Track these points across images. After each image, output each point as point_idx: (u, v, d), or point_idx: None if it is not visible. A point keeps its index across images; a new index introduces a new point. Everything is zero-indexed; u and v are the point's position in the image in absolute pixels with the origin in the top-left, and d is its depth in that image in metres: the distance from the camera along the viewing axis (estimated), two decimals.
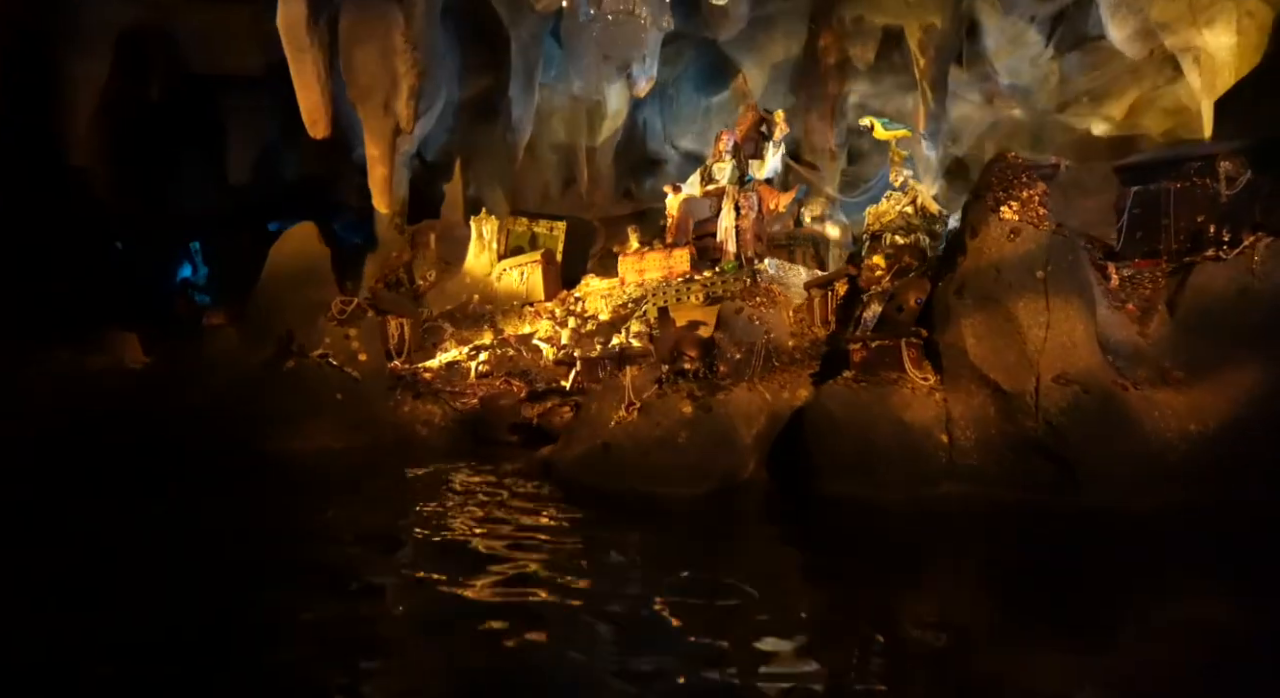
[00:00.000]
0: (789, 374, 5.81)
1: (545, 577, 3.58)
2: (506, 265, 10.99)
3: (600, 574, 3.76)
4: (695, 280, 8.51)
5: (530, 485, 5.67)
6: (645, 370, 5.88)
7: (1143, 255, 5.42)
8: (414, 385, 7.81)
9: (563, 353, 8.43)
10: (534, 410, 6.91)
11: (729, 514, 4.80)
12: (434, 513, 4.85)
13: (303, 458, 6.93)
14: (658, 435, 5.23)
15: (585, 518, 4.73)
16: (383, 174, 11.07)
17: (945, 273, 5.03)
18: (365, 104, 10.89)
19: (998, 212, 4.72)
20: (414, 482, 6.04)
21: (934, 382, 4.81)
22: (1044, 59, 15.82)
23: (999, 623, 3.21)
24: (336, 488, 6.09)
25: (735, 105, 17.15)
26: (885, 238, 10.48)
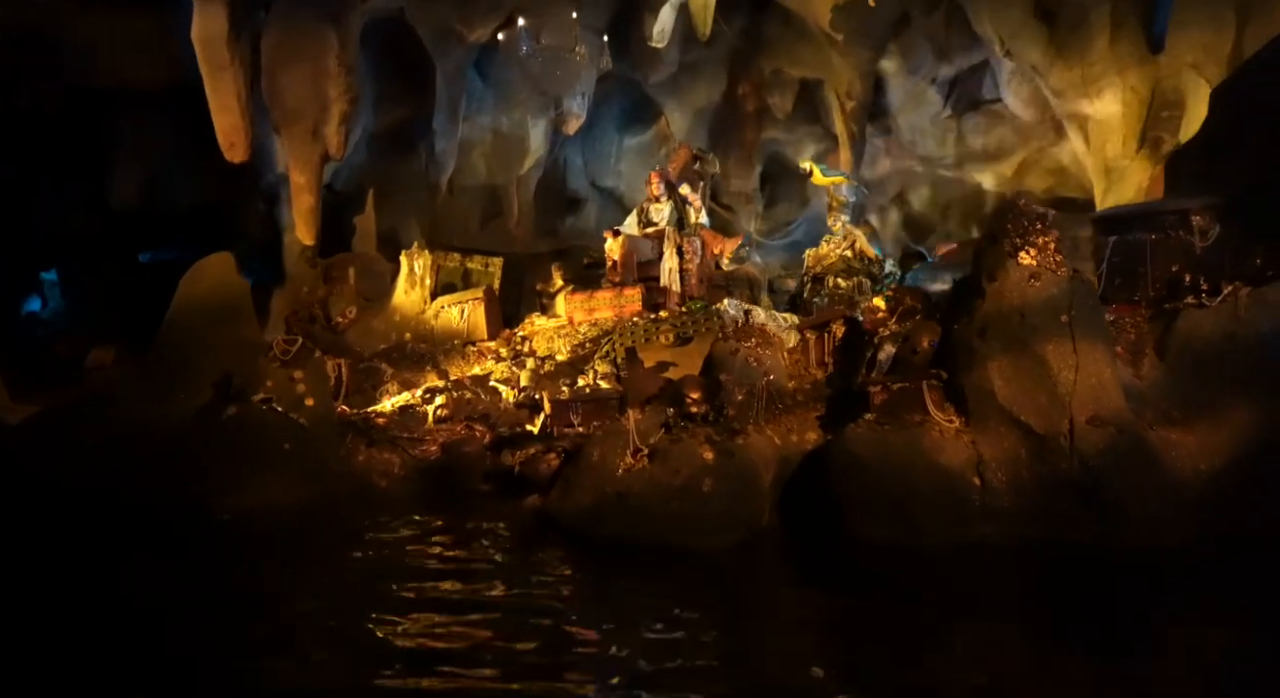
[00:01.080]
0: (794, 417, 5.70)
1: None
2: (444, 302, 10.42)
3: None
4: (665, 320, 8.34)
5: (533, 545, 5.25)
6: (649, 414, 5.60)
7: (1122, 301, 5.71)
8: (367, 432, 7.13)
9: (524, 395, 7.99)
10: (515, 457, 6.44)
11: (774, 566, 4.59)
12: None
13: (250, 517, 6.12)
14: (680, 483, 4.95)
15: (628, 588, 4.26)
16: (309, 204, 10.30)
17: (960, 316, 5.09)
18: (291, 128, 10.14)
19: (1016, 257, 4.84)
20: (388, 543, 5.43)
21: (959, 423, 4.83)
22: (942, 118, 16.98)
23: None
24: (300, 556, 5.38)
25: (657, 147, 17.37)
26: (828, 280, 10.79)
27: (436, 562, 4.89)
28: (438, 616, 3.83)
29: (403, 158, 15.55)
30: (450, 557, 5.02)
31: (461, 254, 11.77)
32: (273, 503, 6.31)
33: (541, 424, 7.38)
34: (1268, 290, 4.95)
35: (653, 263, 11.00)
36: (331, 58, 9.88)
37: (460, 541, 5.63)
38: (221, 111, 9.46)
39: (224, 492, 6.20)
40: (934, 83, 16.37)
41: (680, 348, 7.95)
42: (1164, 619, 3.82)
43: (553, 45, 11.55)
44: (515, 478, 6.37)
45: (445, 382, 8.25)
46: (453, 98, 14.29)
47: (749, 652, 3.46)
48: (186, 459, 6.35)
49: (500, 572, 4.61)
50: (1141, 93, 11.94)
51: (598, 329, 9.25)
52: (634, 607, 3.98)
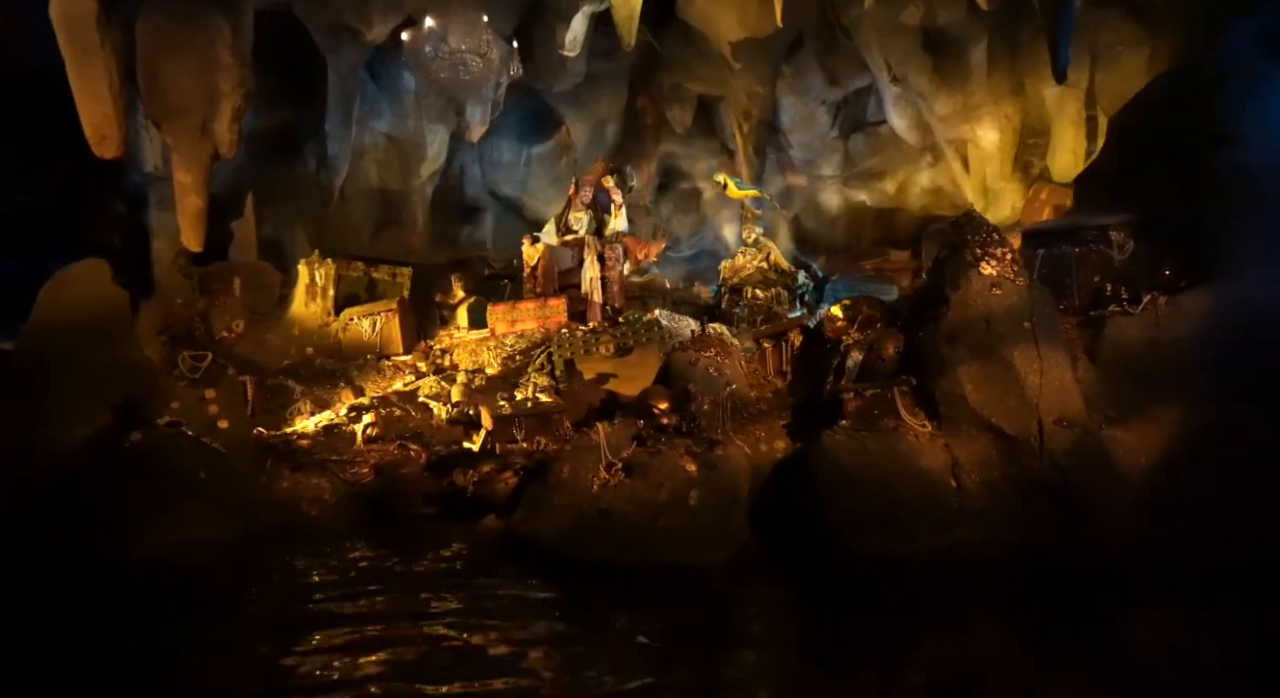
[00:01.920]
0: (760, 427, 5.70)
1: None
2: (353, 314, 9.74)
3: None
4: (604, 331, 8.17)
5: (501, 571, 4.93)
6: (619, 427, 5.43)
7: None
8: (290, 456, 6.50)
9: (457, 411, 7.58)
10: (468, 477, 6.06)
11: (772, 583, 4.52)
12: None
13: (163, 558, 5.41)
14: (666, 498, 4.81)
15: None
16: (197, 206, 9.34)
17: (924, 323, 5.28)
18: (175, 123, 9.18)
19: (977, 267, 5.08)
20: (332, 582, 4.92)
21: (931, 428, 4.98)
22: (830, 137, 17.83)
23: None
24: (222, 602, 4.73)
25: (558, 157, 17.17)
26: (746, 291, 11.00)
27: (393, 603, 4.40)
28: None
29: (286, 161, 14.51)
30: (413, 597, 4.56)
31: (366, 263, 11.09)
32: (189, 541, 5.62)
33: (483, 442, 7.03)
34: (1183, 299, 5.46)
35: (573, 271, 10.84)
36: (223, 48, 9.05)
37: (418, 573, 5.23)
38: (90, 101, 8.41)
39: (130, 531, 5.45)
40: (823, 104, 17.17)
41: (620, 359, 7.81)
42: (1134, 619, 4.06)
43: (460, 49, 11.16)
44: (468, 499, 6.00)
45: (370, 399, 7.68)
46: (346, 99, 13.50)
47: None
48: (80, 496, 5.54)
49: (479, 608, 4.23)
50: (1014, 121, 13.02)
51: (526, 341, 8.95)
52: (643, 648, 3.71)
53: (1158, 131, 6.40)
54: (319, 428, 7.14)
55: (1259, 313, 5.43)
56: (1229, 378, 5.30)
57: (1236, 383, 5.28)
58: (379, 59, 14.10)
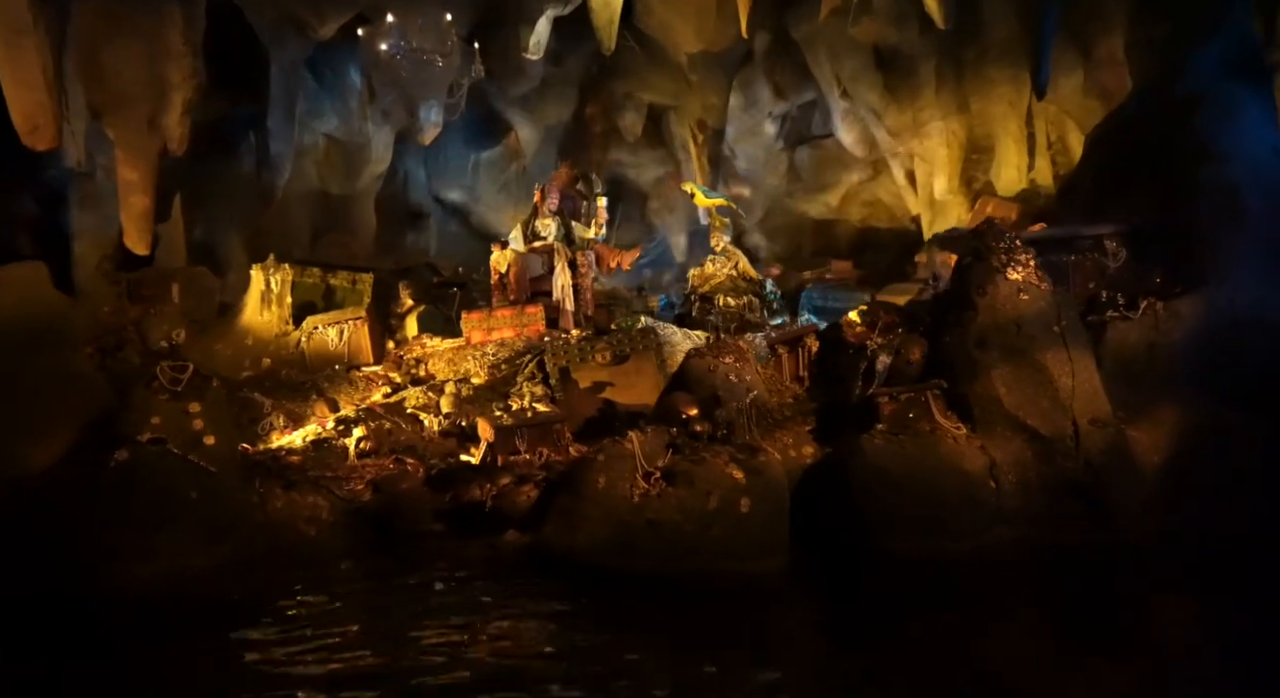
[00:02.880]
0: (787, 433, 5.67)
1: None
2: (318, 323, 9.18)
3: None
4: (601, 339, 7.98)
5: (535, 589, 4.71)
6: (651, 436, 5.29)
7: None
8: (281, 473, 6.03)
9: (449, 423, 7.24)
10: (486, 490, 5.77)
11: (830, 591, 4.47)
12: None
13: (154, 587, 4.91)
14: (716, 506, 4.71)
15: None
16: (143, 206, 8.62)
17: (950, 328, 5.39)
18: (119, 115, 8.46)
19: (1004, 272, 5.23)
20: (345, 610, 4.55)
21: (965, 430, 5.07)
22: (775, 149, 18.20)
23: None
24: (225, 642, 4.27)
25: (507, 162, 16.84)
26: (718, 299, 11.02)
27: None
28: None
29: (219, 159, 13.61)
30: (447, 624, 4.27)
31: (323, 270, 10.50)
32: (181, 567, 5.11)
33: (484, 454, 6.74)
34: (1178, 304, 5.78)
35: (543, 278, 10.60)
36: (174, 34, 8.41)
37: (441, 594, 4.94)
38: (21, 87, 7.63)
39: (116, 558, 4.92)
40: (769, 117, 17.51)
41: (616, 367, 7.66)
42: (1169, 607, 4.24)
43: (423, 48, 10.76)
44: (484, 514, 5.72)
45: (355, 412, 7.25)
46: (290, 95, 12.82)
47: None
48: (52, 523, 4.96)
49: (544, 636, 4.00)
50: (960, 137, 13.60)
51: (509, 349, 8.66)
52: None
53: (1137, 147, 6.78)
54: (306, 443, 6.67)
55: (1241, 317, 5.81)
56: (1218, 379, 5.65)
57: (1224, 384, 5.62)
58: (321, 55, 13.47)
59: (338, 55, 13.81)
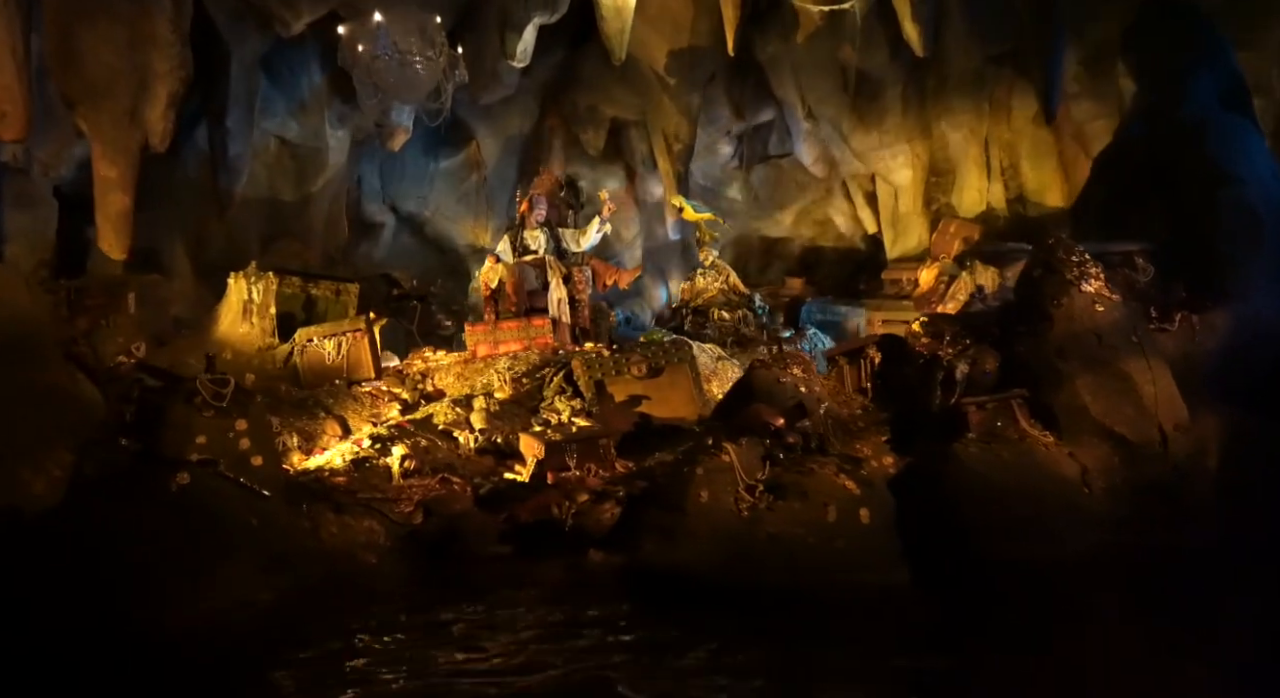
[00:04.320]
0: (865, 443, 5.68)
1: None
2: (312, 335, 8.54)
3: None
4: (636, 351, 7.78)
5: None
6: (746, 448, 5.18)
7: None
8: (329, 496, 5.53)
9: (484, 439, 6.89)
10: (565, 509, 5.48)
11: (979, 595, 4.45)
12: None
13: (216, 628, 4.38)
14: (837, 518, 4.62)
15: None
16: (122, 205, 7.85)
17: (1024, 339, 5.55)
18: (96, 105, 7.67)
19: (1078, 285, 5.44)
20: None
21: (1052, 438, 5.22)
22: (731, 167, 18.50)
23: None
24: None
25: (468, 172, 16.41)
26: (713, 313, 11.03)
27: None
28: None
29: (160, 159, 12.59)
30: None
31: (304, 279, 9.84)
32: (243, 601, 4.59)
33: (533, 471, 6.44)
34: (1211, 316, 6.18)
35: (537, 293, 10.30)
36: (162, 21, 7.73)
37: (544, 619, 4.64)
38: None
39: (177, 593, 4.36)
40: (727, 135, 17.79)
41: (651, 380, 7.50)
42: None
43: (410, 50, 10.31)
44: (566, 533, 5.43)
45: (387, 429, 6.77)
46: (250, 94, 12.10)
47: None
48: (102, 552, 4.35)
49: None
50: (924, 160, 14.24)
51: (524, 362, 8.34)
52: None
53: (1147, 169, 7.25)
54: (347, 463, 6.17)
55: (1263, 330, 6.26)
56: (1243, 388, 6.05)
57: (1248, 393, 6.03)
58: (277, 51, 12.75)
59: (296, 52, 13.11)
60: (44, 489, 5.25)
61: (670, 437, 7.25)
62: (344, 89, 13.79)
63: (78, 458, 5.48)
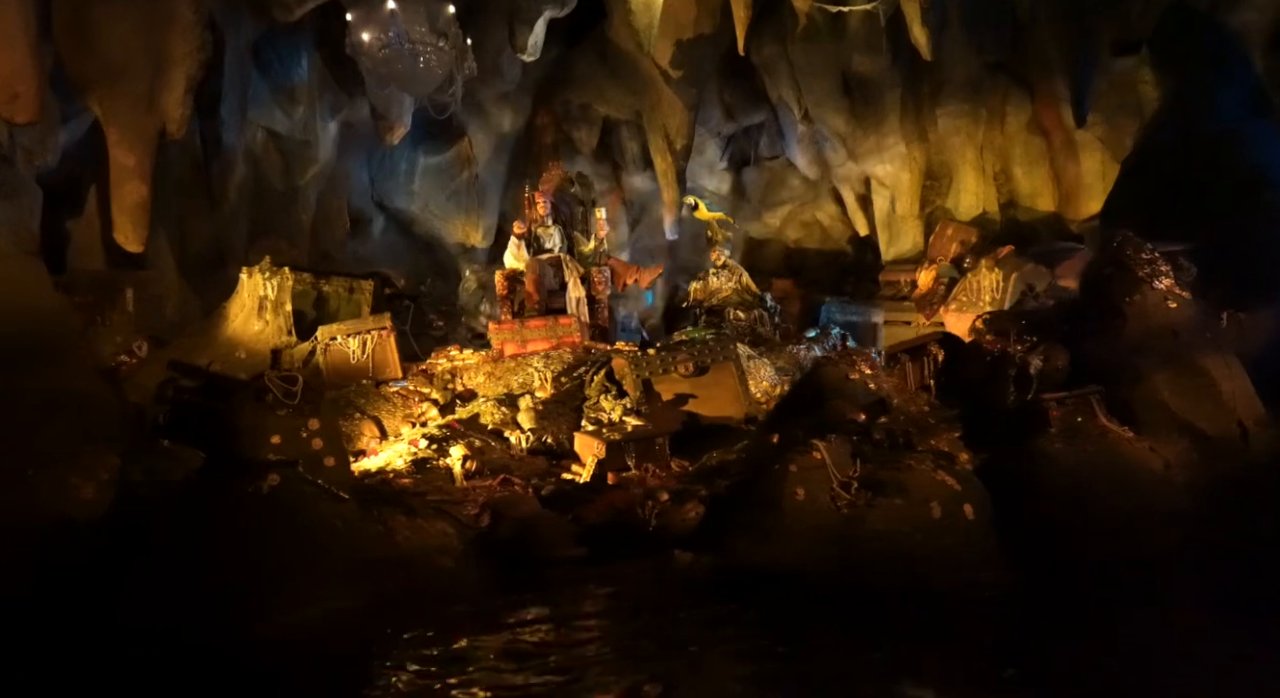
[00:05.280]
0: (939, 440, 5.66)
1: None
2: (335, 333, 8.19)
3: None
4: (683, 349, 7.64)
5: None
6: (836, 445, 5.11)
7: None
8: (399, 499, 5.27)
9: (535, 440, 6.69)
10: (649, 509, 5.33)
11: (1082, 592, 4.44)
12: None
13: (306, 639, 4.12)
14: (940, 515, 4.58)
15: None
16: (140, 195, 7.38)
17: (1095, 335, 5.62)
18: (112, 89, 7.21)
19: (1150, 283, 5.52)
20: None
21: (1132, 433, 5.28)
22: (718, 169, 18.53)
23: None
24: None
25: (458, 169, 16.05)
26: (728, 313, 10.96)
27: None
28: None
29: None
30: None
31: (315, 275, 9.45)
32: (329, 609, 4.33)
33: (592, 470, 6.28)
34: (1258, 315, 6.35)
35: (555, 293, 10.13)
36: (183, 2, 7.29)
37: (648, 622, 4.50)
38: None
39: (268, 601, 4.08)
40: (717, 136, 17.82)
41: (696, 378, 7.39)
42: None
43: (423, 40, 9.99)
44: (650, 534, 5.28)
45: (438, 429, 6.51)
46: (242, 81, 11.63)
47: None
48: (189, 558, 4.06)
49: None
50: (920, 163, 14.46)
51: (558, 361, 8.14)
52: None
53: (1178, 175, 7.45)
54: (408, 464, 5.90)
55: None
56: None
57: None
58: (266, 39, 12.28)
59: (287, 40, 12.66)
60: (94, 495, 4.92)
61: (720, 436, 7.18)
62: (336, 80, 13.41)
63: (124, 462, 5.14)
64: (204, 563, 4.04)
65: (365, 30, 9.82)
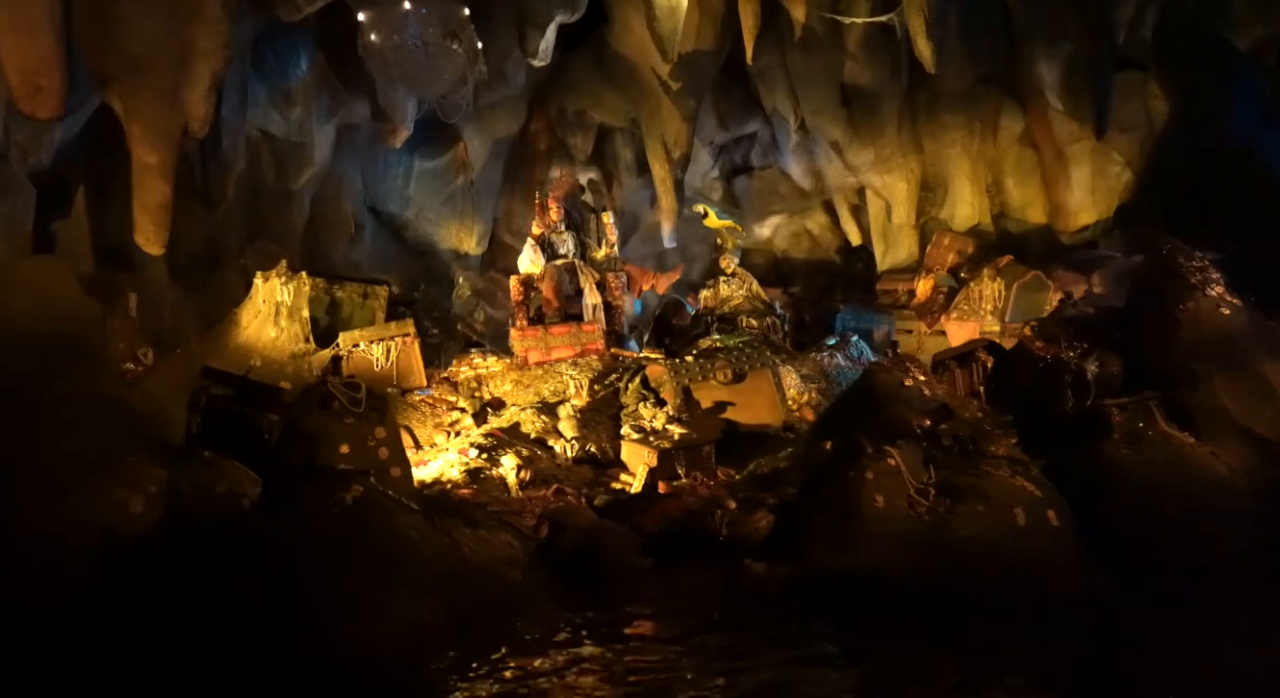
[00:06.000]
0: (997, 445, 5.66)
1: None
2: (358, 339, 7.92)
3: None
4: (721, 356, 7.56)
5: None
6: (907, 451, 5.08)
7: None
8: (460, 510, 5.08)
9: (579, 448, 6.55)
10: (720, 518, 5.23)
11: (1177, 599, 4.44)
12: None
13: (402, 653, 3.95)
14: (1026, 521, 4.57)
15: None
16: (164, 195, 7.06)
17: (1148, 341, 5.70)
18: (135, 83, 6.89)
19: (1203, 290, 5.62)
20: None
21: (1192, 439, 5.35)
22: (710, 178, 18.56)
23: None
24: None
25: (454, 174, 15.79)
26: (741, 320, 10.92)
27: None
28: None
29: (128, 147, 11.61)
30: None
31: (327, 280, 9.16)
32: (410, 624, 4.15)
33: (644, 479, 6.16)
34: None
35: (571, 299, 9.99)
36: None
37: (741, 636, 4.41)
38: (21, 35, 6.01)
39: (352, 616, 3.88)
40: (710, 145, 17.86)
41: (734, 386, 7.32)
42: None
43: (436, 41, 9.80)
44: (721, 543, 5.19)
45: (485, 438, 6.33)
46: (242, 81, 11.26)
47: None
48: (273, 572, 3.84)
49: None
50: (917, 173, 14.66)
51: (588, 368, 8.01)
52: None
53: (1198, 185, 7.64)
54: (464, 474, 5.72)
55: None
56: None
57: None
58: (264, 37, 11.94)
59: (285, 39, 12.33)
60: (142, 508, 4.65)
61: (759, 443, 7.12)
62: (333, 81, 13.11)
63: (170, 473, 4.88)
64: (286, 579, 3.83)
65: (379, 31, 9.61)
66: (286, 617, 3.71)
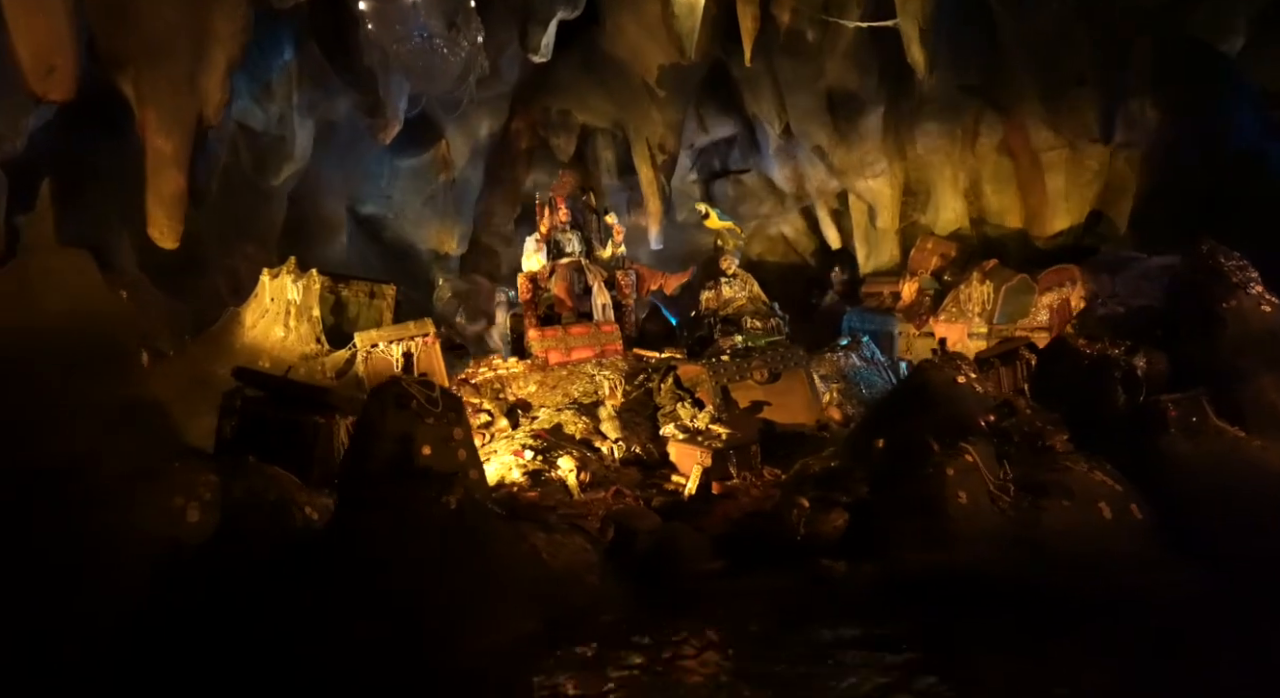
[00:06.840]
0: (1051, 441, 5.72)
1: None
2: (376, 339, 7.57)
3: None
4: (758, 356, 7.47)
5: None
6: (981, 447, 5.09)
7: None
8: (531, 513, 4.86)
9: (625, 449, 6.38)
10: (796, 518, 5.12)
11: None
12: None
13: (511, 663, 3.74)
14: (1112, 517, 4.62)
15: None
16: (179, 185, 6.63)
17: (1193, 339, 5.85)
18: (152, 67, 6.45)
19: (1245, 288, 5.80)
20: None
21: (1243, 434, 5.49)
22: (689, 181, 18.56)
23: None
24: None
25: (435, 173, 15.40)
26: (745, 322, 10.89)
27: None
28: None
29: (104, 138, 10.93)
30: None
31: (333, 279, 8.76)
32: (514, 635, 3.94)
33: (698, 480, 6.04)
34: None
35: (580, 299, 9.81)
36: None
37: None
38: (34, 13, 5.55)
39: (459, 629, 3.66)
40: (689, 149, 17.85)
41: (770, 385, 7.26)
42: None
43: (442, 34, 9.49)
44: (798, 543, 5.09)
45: (533, 439, 6.10)
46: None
47: None
48: (377, 585, 3.59)
49: None
50: (900, 178, 14.92)
51: (614, 369, 7.84)
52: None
53: (1204, 193, 7.92)
54: (524, 476, 5.49)
55: None
56: None
57: None
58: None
59: (268, 28, 11.81)
60: (199, 516, 4.33)
61: (796, 443, 7.07)
62: (316, 73, 12.62)
63: (222, 479, 4.56)
64: (392, 588, 3.58)
65: (382, 22, 9.27)
66: (395, 628, 3.46)
